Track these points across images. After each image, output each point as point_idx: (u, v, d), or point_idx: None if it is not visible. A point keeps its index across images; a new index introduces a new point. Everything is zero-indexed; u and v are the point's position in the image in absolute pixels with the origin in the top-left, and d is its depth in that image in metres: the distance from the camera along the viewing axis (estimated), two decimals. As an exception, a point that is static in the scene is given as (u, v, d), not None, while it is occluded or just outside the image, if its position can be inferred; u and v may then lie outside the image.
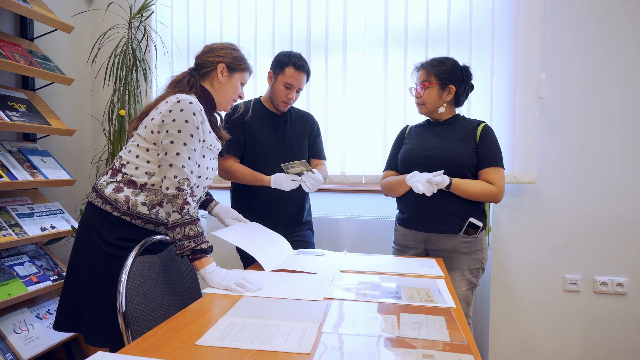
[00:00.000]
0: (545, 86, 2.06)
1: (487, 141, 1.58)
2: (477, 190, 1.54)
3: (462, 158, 1.56)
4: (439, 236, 1.61)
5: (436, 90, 1.61)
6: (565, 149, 2.13)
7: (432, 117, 1.71)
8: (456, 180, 1.53)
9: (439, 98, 1.62)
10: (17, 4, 1.94)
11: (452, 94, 1.62)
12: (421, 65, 1.66)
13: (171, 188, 1.21)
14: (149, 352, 0.78)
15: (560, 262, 2.16)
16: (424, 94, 1.62)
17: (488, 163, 1.57)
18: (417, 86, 1.66)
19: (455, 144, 1.59)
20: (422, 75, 1.64)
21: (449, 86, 1.62)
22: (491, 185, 1.55)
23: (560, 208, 2.15)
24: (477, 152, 1.58)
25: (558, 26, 2.10)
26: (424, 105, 1.65)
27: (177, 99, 1.27)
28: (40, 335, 1.97)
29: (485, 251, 1.64)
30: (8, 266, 1.94)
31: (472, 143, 1.59)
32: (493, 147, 1.59)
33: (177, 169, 1.22)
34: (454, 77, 1.62)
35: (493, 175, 1.55)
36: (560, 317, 2.17)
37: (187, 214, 1.20)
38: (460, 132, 1.62)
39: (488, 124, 1.64)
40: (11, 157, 2.00)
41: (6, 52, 1.96)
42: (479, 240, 1.62)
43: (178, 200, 1.20)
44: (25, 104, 2.10)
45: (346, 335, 0.89)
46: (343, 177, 2.30)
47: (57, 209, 2.21)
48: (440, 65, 1.62)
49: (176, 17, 2.49)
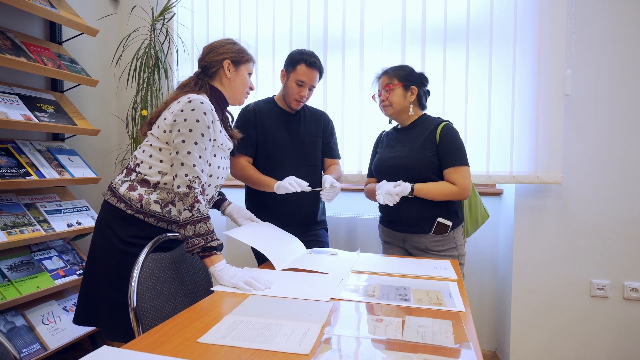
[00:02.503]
0: (571, 82, 1.97)
1: (446, 141, 1.62)
2: (439, 192, 1.60)
3: (422, 164, 1.63)
4: (413, 236, 1.69)
5: (400, 90, 1.68)
6: (591, 148, 2.04)
7: (400, 120, 1.76)
8: (418, 187, 1.60)
9: (404, 98, 1.69)
10: (46, 9, 2.03)
11: (414, 95, 1.69)
12: (382, 72, 1.75)
13: (182, 186, 1.23)
14: (151, 348, 0.80)
15: (587, 266, 2.07)
16: (390, 96, 1.69)
17: (448, 164, 1.61)
18: (381, 91, 1.73)
19: (415, 151, 1.65)
20: (384, 80, 1.72)
21: (411, 87, 1.69)
22: (452, 186, 1.60)
23: (587, 209, 2.05)
24: (437, 154, 1.63)
25: (585, 19, 2.00)
26: (391, 107, 1.70)
27: (188, 98, 1.29)
28: (66, 326, 2.05)
29: (461, 247, 1.70)
30: (37, 260, 2.03)
31: (431, 146, 1.63)
32: (452, 147, 1.62)
33: (188, 167, 1.25)
34: (414, 79, 1.71)
35: (454, 175, 1.60)
36: (586, 324, 2.08)
37: (198, 212, 1.22)
38: (421, 136, 1.67)
39: (449, 123, 1.66)
40: (40, 156, 2.10)
41: (35, 55, 2.06)
42: (451, 238, 1.67)
43: (189, 199, 1.22)
44: (54, 105, 2.19)
45: (347, 337, 0.88)
46: (360, 177, 2.29)
47: (83, 205, 2.30)
48: (399, 69, 1.72)
49: (196, 18, 2.53)
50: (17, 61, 1.88)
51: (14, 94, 2.02)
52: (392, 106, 1.70)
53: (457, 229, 1.69)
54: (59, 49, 2.29)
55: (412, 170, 1.64)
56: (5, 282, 1.84)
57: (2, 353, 0.72)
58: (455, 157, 1.61)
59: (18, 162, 1.96)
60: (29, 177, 1.92)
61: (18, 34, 2.08)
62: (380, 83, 1.74)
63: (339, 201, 2.35)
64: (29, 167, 1.98)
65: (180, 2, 2.51)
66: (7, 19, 2.10)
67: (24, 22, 2.19)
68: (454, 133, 1.64)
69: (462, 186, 1.60)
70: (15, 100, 1.99)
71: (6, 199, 2.00)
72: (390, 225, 1.77)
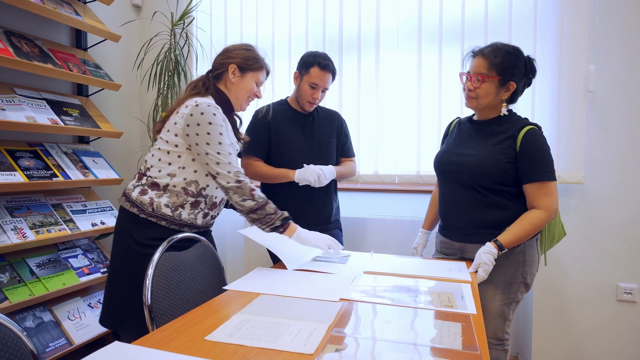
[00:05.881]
0: (595, 79, 1.90)
1: (529, 150, 1.35)
2: (528, 231, 1.36)
3: (492, 170, 1.38)
4: (474, 246, 1.44)
5: (494, 86, 1.38)
6: (615, 147, 1.96)
7: (479, 113, 1.51)
8: (503, 239, 1.35)
9: (496, 95, 1.40)
10: (71, 17, 2.11)
11: (510, 92, 1.40)
12: (481, 53, 1.39)
13: (231, 182, 1.32)
14: (161, 344, 0.82)
15: (613, 269, 1.99)
16: (480, 87, 1.38)
17: (530, 178, 1.36)
18: (472, 76, 1.40)
19: (488, 153, 1.40)
20: (481, 65, 1.38)
21: (510, 82, 1.38)
22: (537, 213, 1.35)
23: (611, 210, 1.97)
24: (515, 163, 1.38)
25: (609, 13, 1.93)
26: (475, 100, 1.42)
27: (195, 102, 1.33)
28: (91, 322, 2.13)
29: (530, 265, 1.43)
30: (64, 258, 2.12)
31: (508, 152, 1.37)
32: (537, 157, 1.35)
33: (225, 164, 1.32)
34: (517, 73, 1.38)
35: (536, 194, 1.35)
36: (612, 329, 2.00)
37: (260, 197, 1.34)
38: (498, 137, 1.41)
39: (534, 128, 1.38)
40: (66, 158, 2.18)
41: (62, 62, 2.14)
42: (520, 252, 1.42)
43: (244, 190, 1.32)
44: (79, 109, 2.28)
45: (354, 337, 0.88)
46: (376, 177, 2.28)
47: (107, 206, 2.38)
48: (505, 57, 1.36)
49: (215, 22, 2.58)
50: (45, 67, 1.97)
51: (41, 99, 2.11)
52: (478, 100, 1.41)
53: (530, 242, 1.43)
54: (84, 55, 2.37)
55: (478, 175, 1.40)
56: (33, 278, 1.92)
57: (20, 347, 0.76)
58: (538, 170, 1.35)
59: (45, 164, 2.05)
60: (55, 179, 2.01)
61: (46, 42, 2.17)
62: (474, 65, 1.41)
63: (354, 202, 2.34)
64: (55, 168, 2.06)
65: (199, 7, 2.56)
66: (36, 28, 2.19)
67: (51, 30, 2.28)
68: (539, 140, 1.36)
69: (548, 208, 1.35)
70: (43, 105, 2.08)
71: (35, 199, 2.10)
72: (449, 234, 1.54)
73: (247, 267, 2.47)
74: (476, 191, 1.44)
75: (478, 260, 1.36)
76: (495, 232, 1.40)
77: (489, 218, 1.43)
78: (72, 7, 2.22)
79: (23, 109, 1.94)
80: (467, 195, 1.46)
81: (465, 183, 1.45)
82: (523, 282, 1.44)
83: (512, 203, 1.42)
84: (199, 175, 1.38)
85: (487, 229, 1.42)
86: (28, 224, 1.93)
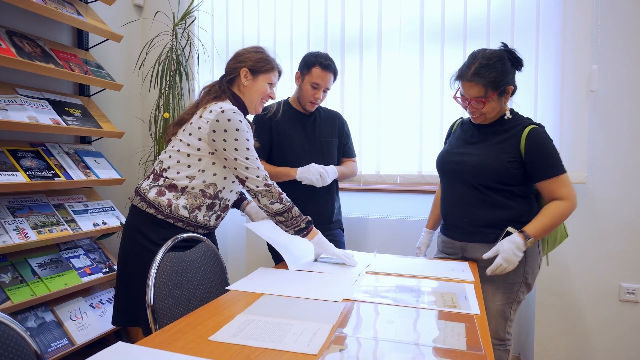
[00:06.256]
0: (597, 79, 1.90)
1: (536, 149, 1.37)
2: (554, 221, 1.37)
3: (494, 169, 1.40)
4: (475, 245, 1.48)
5: (496, 100, 1.40)
6: (618, 147, 1.95)
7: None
8: (530, 230, 1.35)
9: (500, 104, 1.43)
10: (73, 17, 2.11)
11: (509, 93, 1.44)
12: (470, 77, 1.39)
13: (260, 185, 1.37)
14: (164, 345, 0.82)
15: (616, 269, 1.99)
16: (484, 108, 1.40)
17: (545, 175, 1.38)
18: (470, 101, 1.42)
19: (491, 154, 1.42)
20: (475, 90, 1.39)
21: (507, 88, 1.41)
22: (562, 203, 1.37)
23: (613, 210, 1.97)
24: (524, 163, 1.39)
25: (611, 12, 1.92)
26: (483, 116, 1.43)
27: (220, 108, 1.35)
28: (92, 322, 2.13)
29: (532, 265, 1.44)
30: (65, 258, 2.12)
31: (512, 152, 1.39)
32: (545, 155, 1.37)
33: (254, 169, 1.37)
34: (509, 75, 1.40)
35: (554, 186, 1.38)
36: (615, 330, 1.99)
37: (287, 201, 1.41)
38: (501, 136, 1.43)
39: (536, 127, 1.40)
40: (68, 158, 2.18)
41: (64, 62, 2.14)
42: None
43: (273, 193, 1.38)
44: (80, 109, 2.28)
45: (357, 338, 0.88)
46: (378, 177, 2.27)
47: (108, 206, 2.38)
48: (492, 71, 1.36)
49: (216, 22, 2.58)
50: (47, 68, 1.97)
51: (43, 99, 2.11)
52: (486, 115, 1.44)
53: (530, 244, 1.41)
54: (85, 55, 2.37)
55: (480, 174, 1.42)
56: (35, 279, 1.92)
57: (24, 348, 0.75)
58: (550, 166, 1.38)
59: (47, 164, 2.05)
60: (57, 179, 2.01)
61: (47, 42, 2.17)
62: (468, 91, 1.41)
63: (356, 202, 2.34)
64: (57, 169, 2.06)
65: (201, 7, 2.56)
66: (38, 28, 2.19)
67: (53, 30, 2.28)
68: (542, 138, 1.39)
69: (571, 197, 1.38)
70: (45, 105, 2.08)
71: (37, 199, 2.10)
72: (450, 234, 1.56)
73: (249, 267, 2.47)
74: (478, 190, 1.45)
75: (498, 247, 1.36)
76: (497, 231, 1.42)
77: (490, 217, 1.44)
78: (74, 7, 2.22)
79: (25, 109, 1.94)
80: (468, 194, 1.47)
81: (467, 182, 1.46)
82: (524, 282, 1.45)
83: (513, 202, 1.43)
84: (218, 178, 1.40)
85: (489, 228, 1.44)
86: (30, 224, 1.93)
